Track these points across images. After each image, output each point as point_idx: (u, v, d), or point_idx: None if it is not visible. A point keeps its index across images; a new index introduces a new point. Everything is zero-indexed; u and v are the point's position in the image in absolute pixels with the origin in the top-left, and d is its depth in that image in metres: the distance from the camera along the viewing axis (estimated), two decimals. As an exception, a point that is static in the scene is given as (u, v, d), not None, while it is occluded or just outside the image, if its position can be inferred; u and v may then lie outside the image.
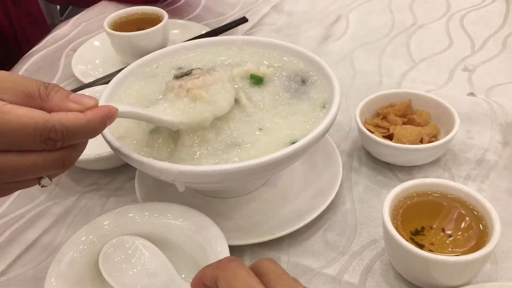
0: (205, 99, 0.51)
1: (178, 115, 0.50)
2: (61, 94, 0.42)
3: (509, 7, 0.97)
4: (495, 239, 0.45)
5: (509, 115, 0.70)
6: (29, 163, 0.40)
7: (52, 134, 0.39)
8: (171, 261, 0.50)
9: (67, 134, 0.40)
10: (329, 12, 1.01)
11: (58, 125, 0.39)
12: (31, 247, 0.57)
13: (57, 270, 0.46)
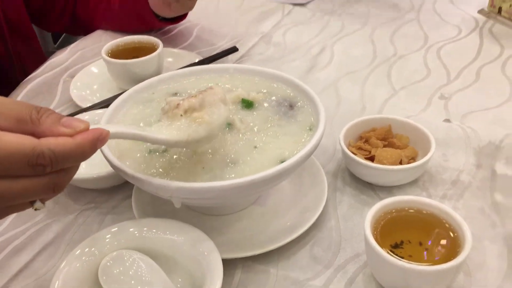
0: (202, 118, 0.52)
1: (175, 134, 0.51)
2: (53, 118, 0.42)
3: (482, 40, 1.04)
4: (466, 249, 0.49)
5: (481, 139, 0.75)
6: (19, 188, 0.40)
7: (41, 159, 0.40)
8: (167, 273, 0.53)
9: (55, 159, 0.40)
10: (315, 43, 1.06)
11: (46, 151, 0.40)
12: (31, 262, 0.59)
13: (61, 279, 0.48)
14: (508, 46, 1.01)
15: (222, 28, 1.15)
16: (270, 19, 1.17)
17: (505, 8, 1.09)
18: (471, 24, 1.11)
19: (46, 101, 0.90)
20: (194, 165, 0.56)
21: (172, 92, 0.68)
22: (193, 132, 0.52)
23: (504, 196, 0.65)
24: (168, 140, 0.51)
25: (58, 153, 0.40)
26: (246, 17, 1.20)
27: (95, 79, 0.91)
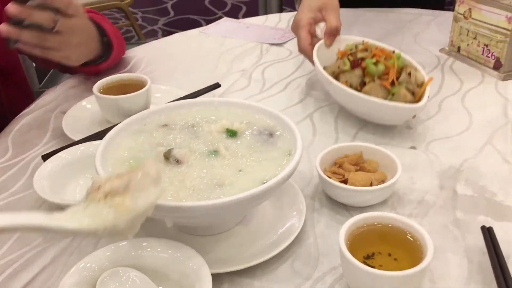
0: (123, 205, 0.47)
1: (85, 223, 0.46)
2: None
3: (444, 76, 1.14)
4: (429, 256, 0.55)
5: (443, 164, 0.83)
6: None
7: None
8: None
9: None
10: (291, 79, 1.15)
11: None
12: (30, 283, 0.63)
13: None
14: (466, 80, 1.11)
15: (205, 66, 1.23)
16: (249, 57, 1.26)
17: (463, 47, 1.20)
18: (434, 62, 1.21)
19: (38, 135, 0.95)
20: (185, 188, 0.62)
21: (162, 124, 0.74)
22: (110, 221, 0.46)
23: (464, 213, 0.72)
24: (76, 230, 0.46)
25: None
26: (227, 56, 1.28)
27: (87, 114, 0.97)
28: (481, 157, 0.85)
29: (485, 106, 1.00)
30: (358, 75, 0.89)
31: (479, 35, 1.14)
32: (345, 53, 0.97)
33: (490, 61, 1.13)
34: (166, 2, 4.46)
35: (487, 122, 0.95)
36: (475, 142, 0.89)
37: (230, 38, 1.39)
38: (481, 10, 1.12)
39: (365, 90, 0.86)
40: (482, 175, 0.80)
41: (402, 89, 0.85)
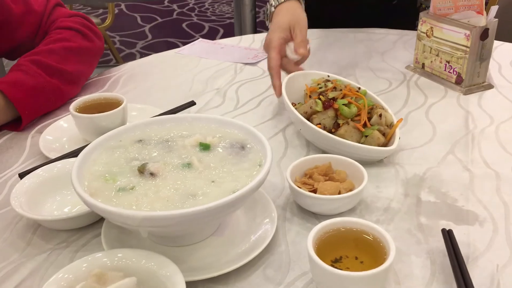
0: None
1: None
2: None
3: (409, 91, 1.19)
4: (391, 256, 0.59)
5: (408, 173, 0.87)
6: None
7: None
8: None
9: None
10: (264, 97, 1.19)
11: None
12: (8, 296, 0.65)
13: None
14: (430, 95, 1.16)
15: (180, 85, 1.26)
16: (224, 77, 1.30)
17: (427, 64, 1.26)
18: (400, 78, 1.27)
19: (15, 155, 0.97)
20: (159, 199, 0.64)
21: (137, 139, 0.77)
22: None
23: (427, 218, 0.76)
24: None
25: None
26: (202, 75, 1.32)
27: (63, 132, 0.99)
28: (444, 165, 0.89)
29: (447, 119, 1.06)
30: (331, 116, 0.92)
31: (441, 52, 1.20)
32: (313, 89, 1.00)
33: (452, 76, 1.19)
34: (143, 25, 4.51)
35: (449, 134, 1.00)
36: (438, 152, 0.93)
37: (205, 59, 1.43)
38: (442, 29, 1.18)
39: (340, 133, 0.90)
40: (444, 183, 0.84)
41: (375, 131, 0.89)
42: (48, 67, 1.08)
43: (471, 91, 1.17)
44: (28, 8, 1.17)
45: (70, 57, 1.14)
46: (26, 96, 1.03)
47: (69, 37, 1.17)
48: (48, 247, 0.73)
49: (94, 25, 1.26)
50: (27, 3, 1.17)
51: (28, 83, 1.04)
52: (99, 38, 1.26)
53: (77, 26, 1.20)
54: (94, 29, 1.25)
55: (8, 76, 1.04)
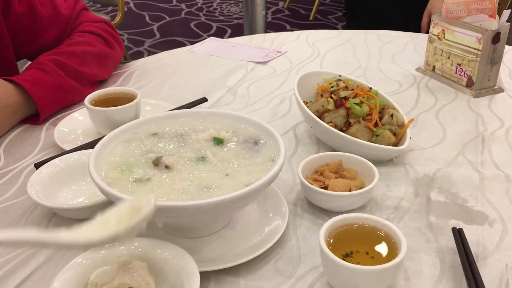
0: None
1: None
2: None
3: (420, 93, 1.20)
4: (402, 252, 0.59)
5: (418, 173, 0.88)
6: None
7: None
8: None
9: None
10: (275, 95, 1.20)
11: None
12: (25, 282, 0.66)
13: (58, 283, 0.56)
14: (440, 97, 1.17)
15: (191, 82, 1.27)
16: (235, 75, 1.31)
17: (438, 66, 1.26)
18: (410, 80, 1.27)
19: (30, 146, 0.98)
20: (174, 191, 0.65)
21: (152, 132, 0.78)
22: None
23: (437, 218, 0.77)
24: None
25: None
26: (213, 73, 1.33)
27: (78, 125, 1.00)
28: (454, 167, 0.90)
29: (457, 121, 1.06)
30: (342, 115, 0.93)
31: (452, 55, 1.21)
32: (325, 88, 1.01)
33: (463, 79, 1.20)
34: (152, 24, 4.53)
35: (460, 136, 1.00)
36: (448, 153, 0.94)
37: (216, 57, 1.44)
38: (454, 32, 1.19)
39: (351, 132, 0.90)
40: (454, 183, 0.85)
41: (386, 131, 0.90)
42: (68, 68, 1.10)
43: (482, 94, 1.17)
44: (56, 11, 1.19)
45: (90, 61, 1.17)
46: (46, 94, 1.05)
47: (91, 41, 1.19)
48: (63, 236, 0.74)
49: (116, 33, 1.29)
50: (56, 7, 1.19)
51: (48, 82, 1.06)
52: (120, 45, 1.29)
53: (100, 32, 1.22)
54: (116, 36, 1.28)
55: (29, 74, 1.06)
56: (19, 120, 1.06)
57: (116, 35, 1.29)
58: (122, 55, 1.32)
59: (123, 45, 1.32)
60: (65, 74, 1.09)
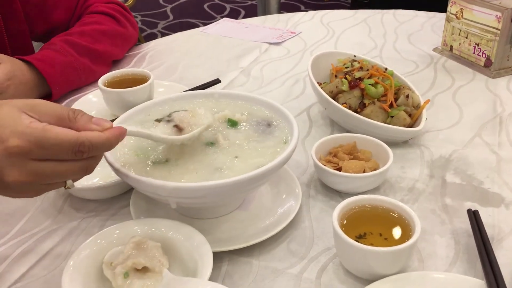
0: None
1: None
2: (85, 118, 0.56)
3: (436, 74, 1.18)
4: (416, 234, 0.59)
5: (434, 154, 0.87)
6: (63, 169, 0.53)
7: (81, 147, 0.53)
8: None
9: (92, 148, 0.54)
10: (289, 76, 1.19)
11: (86, 142, 0.53)
12: (41, 261, 0.67)
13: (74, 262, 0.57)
14: (458, 78, 1.15)
15: (205, 64, 1.27)
16: (248, 56, 1.30)
17: (456, 46, 1.24)
18: (427, 60, 1.25)
19: (45, 127, 0.99)
20: (189, 172, 0.66)
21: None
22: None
23: (452, 200, 0.76)
24: (167, 138, 0.65)
25: (94, 143, 0.53)
26: (226, 54, 1.32)
27: (92, 106, 1.00)
28: (470, 148, 0.89)
29: (475, 102, 1.04)
30: (357, 96, 0.92)
31: (470, 35, 1.18)
32: (339, 69, 1.00)
33: (481, 59, 1.17)
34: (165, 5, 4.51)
35: (477, 117, 0.99)
36: (464, 134, 0.93)
37: (230, 38, 1.43)
38: (472, 10, 1.16)
39: (366, 113, 0.89)
40: (470, 165, 0.84)
41: (401, 112, 0.89)
42: (79, 46, 1.11)
43: (500, 74, 1.15)
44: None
45: (101, 39, 1.17)
46: (57, 72, 1.05)
47: (102, 21, 1.20)
48: (79, 216, 0.75)
49: (129, 13, 1.29)
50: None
51: (59, 60, 1.07)
52: (132, 25, 1.29)
53: (111, 12, 1.22)
54: (128, 16, 1.28)
55: (40, 53, 1.07)
56: (35, 98, 1.06)
57: (129, 15, 1.28)
58: (136, 36, 1.31)
59: (137, 26, 1.32)
60: (76, 53, 1.09)
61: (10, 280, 0.64)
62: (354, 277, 0.63)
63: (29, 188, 0.54)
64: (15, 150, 0.50)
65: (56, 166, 0.52)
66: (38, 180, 0.52)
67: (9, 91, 0.96)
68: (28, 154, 0.51)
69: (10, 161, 0.50)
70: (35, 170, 0.51)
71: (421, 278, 0.60)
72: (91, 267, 0.59)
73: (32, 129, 0.51)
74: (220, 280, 0.64)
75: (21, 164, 0.51)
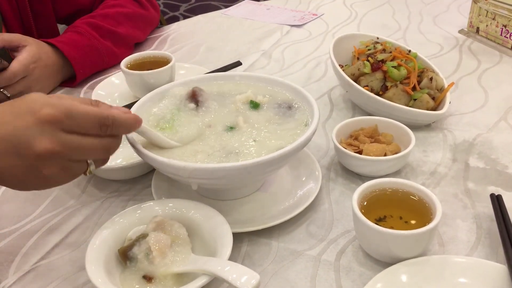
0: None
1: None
2: (106, 105, 0.59)
3: (462, 56, 1.15)
4: (437, 217, 0.58)
5: (457, 138, 0.86)
6: (87, 144, 0.55)
7: (106, 121, 0.55)
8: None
9: (115, 123, 0.56)
10: (311, 59, 1.18)
11: (110, 116, 0.56)
12: (66, 238, 0.69)
13: (97, 240, 0.58)
14: (484, 61, 1.12)
15: (226, 46, 1.26)
16: (270, 38, 1.29)
17: (482, 28, 1.21)
18: (452, 42, 1.22)
19: (69, 109, 1.01)
20: (208, 156, 0.66)
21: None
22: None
23: (475, 184, 0.75)
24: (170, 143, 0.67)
25: (117, 119, 0.56)
26: (248, 37, 1.31)
27: (115, 88, 1.02)
28: (495, 132, 0.87)
29: (501, 85, 1.02)
30: (379, 78, 0.90)
31: (497, 16, 1.15)
32: (361, 51, 0.98)
33: (509, 41, 1.14)
34: (187, -12, 4.49)
35: (502, 100, 0.96)
36: (489, 118, 0.91)
37: (251, 20, 1.42)
38: (500, -9, 1.12)
39: (388, 96, 0.88)
40: (495, 149, 0.82)
41: (424, 95, 0.87)
42: (102, 29, 1.12)
43: (528, 57, 1.12)
44: None
45: (124, 21, 1.18)
46: (81, 55, 1.07)
47: (125, 3, 1.21)
48: (102, 196, 0.77)
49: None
50: None
51: (82, 43, 1.08)
52: (154, 8, 1.30)
53: None
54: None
55: (64, 36, 1.08)
56: (60, 81, 1.09)
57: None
58: (157, 18, 1.32)
59: (158, 9, 1.32)
60: (99, 36, 1.11)
61: (37, 256, 0.66)
62: (373, 259, 0.63)
63: (56, 163, 0.54)
64: (47, 118, 0.52)
65: (82, 140, 0.54)
66: (66, 152, 0.53)
67: (35, 74, 0.98)
68: (59, 123, 0.53)
69: (42, 129, 0.52)
70: (63, 140, 0.53)
71: (441, 261, 0.59)
72: (114, 245, 0.60)
73: (63, 101, 0.54)
74: (240, 260, 0.64)
75: (52, 133, 0.52)
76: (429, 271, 0.58)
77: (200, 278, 0.55)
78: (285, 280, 0.61)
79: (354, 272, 0.62)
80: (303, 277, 0.61)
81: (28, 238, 0.69)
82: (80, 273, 0.63)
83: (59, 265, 0.65)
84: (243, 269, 0.54)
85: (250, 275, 0.53)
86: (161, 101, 0.75)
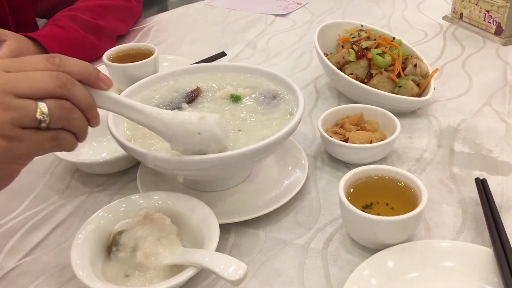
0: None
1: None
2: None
3: (446, 42, 1.16)
4: (423, 203, 0.59)
5: (442, 124, 0.86)
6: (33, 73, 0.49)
7: (53, 56, 0.51)
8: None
9: (62, 58, 0.52)
10: (295, 48, 1.17)
11: (58, 55, 0.52)
12: (50, 235, 0.68)
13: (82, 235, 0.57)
14: (468, 46, 1.13)
15: (210, 37, 1.25)
16: (254, 28, 1.28)
17: (466, 14, 1.21)
18: (436, 29, 1.22)
19: (52, 104, 0.99)
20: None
21: (173, 89, 0.77)
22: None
23: (460, 169, 0.76)
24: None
25: (64, 57, 0.52)
26: (232, 27, 1.30)
27: (97, 82, 1.00)
28: (479, 117, 0.87)
29: (485, 70, 1.02)
30: (364, 66, 0.90)
31: (480, 1, 1.15)
32: (346, 39, 0.98)
33: (492, 27, 1.14)
34: (171, -20, 4.44)
35: (486, 85, 0.97)
36: (473, 103, 0.91)
37: (235, 10, 1.41)
38: (483, -24, 1.13)
39: (373, 84, 0.87)
40: (479, 134, 0.83)
41: (409, 81, 0.87)
42: (84, 22, 1.10)
43: (511, 42, 1.12)
44: None
45: (106, 14, 1.16)
46: (62, 49, 1.04)
47: None
48: (86, 190, 0.76)
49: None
50: None
51: (63, 36, 1.06)
52: (137, 0, 1.27)
53: None
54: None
55: (45, 30, 1.06)
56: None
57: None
58: (140, 10, 1.30)
59: (141, 0, 1.30)
60: (80, 29, 1.09)
61: (21, 253, 0.65)
62: (361, 246, 0.63)
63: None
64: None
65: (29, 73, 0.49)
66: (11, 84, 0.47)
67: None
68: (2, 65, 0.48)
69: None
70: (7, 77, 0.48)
71: (428, 246, 0.60)
72: (99, 240, 0.60)
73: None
74: (227, 251, 0.64)
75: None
76: (416, 256, 0.59)
77: (187, 270, 0.55)
78: (273, 269, 0.61)
79: (341, 259, 0.62)
80: (291, 265, 0.61)
81: (12, 235, 0.68)
82: (66, 269, 0.62)
83: (44, 262, 0.64)
84: (230, 259, 0.53)
85: (237, 265, 0.52)
86: (146, 100, 0.74)
